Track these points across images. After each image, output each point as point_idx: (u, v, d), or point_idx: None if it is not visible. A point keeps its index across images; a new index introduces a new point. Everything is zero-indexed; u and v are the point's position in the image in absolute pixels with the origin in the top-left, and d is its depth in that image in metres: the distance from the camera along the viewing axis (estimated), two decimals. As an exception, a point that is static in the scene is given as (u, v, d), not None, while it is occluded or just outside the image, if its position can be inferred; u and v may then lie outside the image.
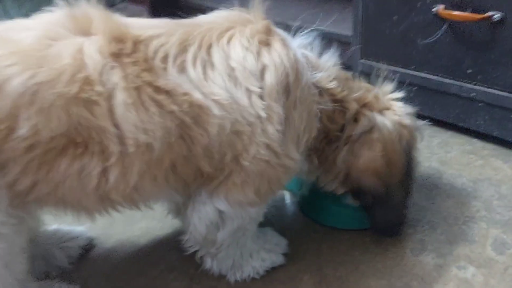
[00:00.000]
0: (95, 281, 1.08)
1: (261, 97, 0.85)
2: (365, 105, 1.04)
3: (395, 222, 1.12)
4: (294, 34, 0.99)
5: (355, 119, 1.03)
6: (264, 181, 0.91)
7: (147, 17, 0.97)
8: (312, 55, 0.99)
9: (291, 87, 0.88)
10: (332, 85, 0.98)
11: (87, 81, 0.75)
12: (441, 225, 1.19)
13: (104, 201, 0.85)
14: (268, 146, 0.87)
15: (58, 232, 1.16)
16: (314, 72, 0.96)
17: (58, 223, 1.18)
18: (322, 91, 0.97)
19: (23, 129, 0.73)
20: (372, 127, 1.03)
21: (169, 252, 1.15)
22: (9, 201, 0.80)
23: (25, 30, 0.80)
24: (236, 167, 0.88)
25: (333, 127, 1.02)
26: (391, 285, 1.03)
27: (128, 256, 1.15)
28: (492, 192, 1.30)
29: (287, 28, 0.99)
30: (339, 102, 1.01)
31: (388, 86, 1.11)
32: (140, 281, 1.08)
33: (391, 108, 1.08)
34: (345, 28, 1.99)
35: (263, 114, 0.84)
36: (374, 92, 1.08)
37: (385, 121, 1.04)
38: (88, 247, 1.17)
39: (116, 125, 0.78)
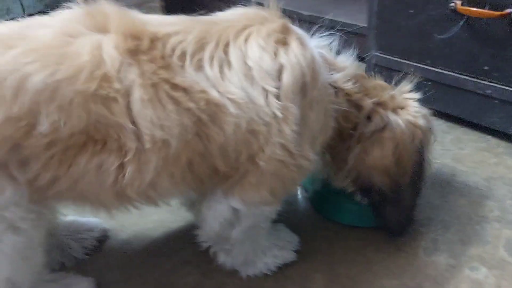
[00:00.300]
0: (109, 273, 1.10)
1: (277, 97, 0.84)
2: (379, 103, 1.04)
3: (404, 222, 1.12)
4: (312, 33, 0.98)
5: (369, 117, 1.03)
6: (279, 181, 0.91)
7: (164, 14, 0.97)
8: (329, 54, 0.99)
9: (307, 88, 0.88)
10: (348, 85, 0.98)
11: (105, 78, 0.76)
12: (454, 225, 1.19)
13: (120, 197, 0.86)
14: (283, 147, 0.87)
15: (74, 223, 1.18)
16: (331, 72, 0.95)
17: (74, 214, 1.19)
18: (338, 91, 0.97)
19: (44, 126, 0.74)
20: (385, 126, 1.02)
21: (182, 245, 1.16)
22: (29, 197, 0.81)
23: (43, 27, 0.80)
24: (251, 167, 0.88)
25: (347, 126, 1.02)
26: (404, 285, 1.04)
27: (141, 249, 1.16)
28: (506, 192, 1.30)
29: (300, 17, 0.98)
30: (354, 102, 1.01)
31: (406, 85, 1.10)
32: (154, 274, 1.09)
33: (406, 107, 1.07)
34: (359, 19, 1.97)
35: (279, 114, 0.84)
36: (389, 90, 1.07)
37: (398, 120, 1.03)
38: (102, 238, 1.19)
39: (133, 122, 0.78)
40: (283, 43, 0.88)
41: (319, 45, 0.97)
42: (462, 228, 1.18)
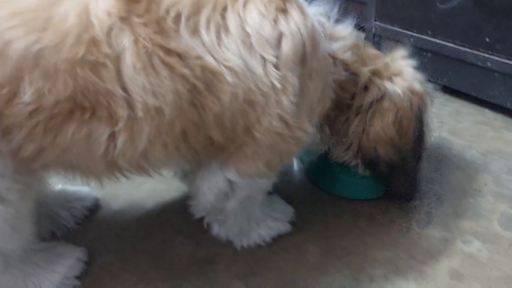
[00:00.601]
0: (101, 242, 1.09)
1: (276, 66, 0.81)
2: (375, 73, 1.02)
3: (410, 186, 1.13)
4: (311, 0, 0.95)
5: (365, 88, 1.01)
6: (275, 154, 0.89)
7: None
8: (328, 23, 0.95)
9: (307, 57, 0.85)
10: (346, 55, 0.96)
11: (94, 42, 0.71)
12: (449, 198, 1.19)
13: (112, 167, 0.83)
14: (281, 118, 0.84)
15: (63, 192, 1.16)
16: (330, 42, 0.92)
17: (64, 183, 1.17)
18: (336, 61, 0.94)
19: (27, 94, 0.70)
20: (383, 96, 1.01)
21: (175, 215, 1.15)
22: (15, 167, 0.78)
23: None
24: (247, 139, 0.86)
25: (345, 96, 1.00)
26: (396, 257, 1.04)
27: (134, 219, 1.15)
28: (502, 166, 1.29)
29: None
30: (352, 72, 0.98)
31: (400, 52, 1.08)
32: (147, 244, 1.08)
33: (401, 74, 1.05)
34: (359, -13, 1.91)
35: (277, 84, 0.81)
36: (383, 58, 1.05)
37: (396, 88, 1.01)
38: (93, 208, 1.17)
39: (124, 89, 0.74)
40: (283, 10, 0.83)
41: (318, 13, 0.94)
42: (457, 202, 1.18)
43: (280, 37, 0.82)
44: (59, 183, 1.16)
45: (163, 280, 1.00)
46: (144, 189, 1.23)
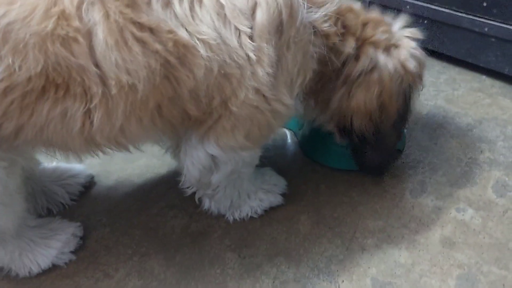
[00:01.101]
0: (96, 218, 1.10)
1: (251, 37, 0.79)
2: (369, 41, 0.97)
3: (382, 161, 1.10)
4: None
5: (357, 57, 0.96)
6: (254, 126, 0.88)
7: None
8: None
9: (284, 27, 0.82)
10: (325, 26, 0.90)
11: (64, 16, 0.70)
12: (443, 167, 1.18)
13: (90, 143, 0.83)
14: (257, 91, 0.83)
15: (57, 169, 1.17)
16: (310, 10, 0.88)
17: (58, 161, 1.18)
18: (316, 32, 0.90)
19: None
20: (373, 68, 0.97)
21: (169, 190, 1.16)
22: None
23: None
24: (225, 112, 0.85)
25: (328, 68, 0.96)
26: (388, 226, 1.04)
27: (128, 194, 1.16)
28: (498, 133, 1.28)
29: None
30: (332, 46, 0.93)
31: (403, 21, 1.03)
32: (141, 218, 1.10)
33: (400, 47, 0.99)
34: (355, -46, 1.86)
35: (252, 56, 0.79)
36: (384, 26, 0.99)
37: (388, 62, 0.97)
38: (88, 184, 1.18)
39: (97, 65, 0.73)
40: None
41: None
42: (451, 170, 1.17)
43: (254, 7, 0.79)
44: (53, 161, 1.17)
45: (157, 253, 1.01)
46: (138, 165, 1.23)
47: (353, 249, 1.01)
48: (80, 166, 1.19)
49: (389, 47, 0.99)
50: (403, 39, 1.01)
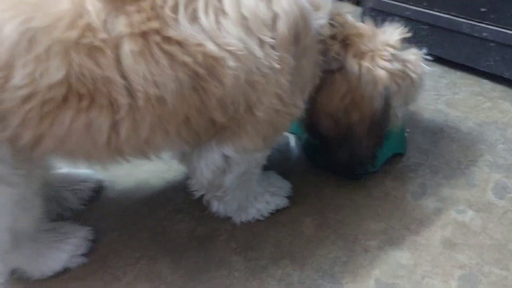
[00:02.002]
0: (105, 222, 1.13)
1: (273, 47, 0.82)
2: (344, 43, 0.98)
3: (352, 164, 1.11)
4: None
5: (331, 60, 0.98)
6: (272, 129, 0.92)
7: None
8: None
9: (301, 36, 0.86)
10: (326, 30, 0.93)
11: (90, 28, 0.72)
12: (443, 169, 1.21)
13: (115, 153, 0.86)
14: (279, 96, 0.87)
15: (68, 175, 1.20)
16: (316, 18, 0.91)
17: (68, 166, 1.21)
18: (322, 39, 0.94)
19: (19, 77, 0.71)
20: (339, 68, 0.98)
21: (176, 194, 1.19)
22: (14, 155, 0.80)
23: None
24: (249, 117, 0.88)
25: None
26: (390, 228, 1.07)
27: (136, 198, 1.19)
28: (498, 136, 1.30)
29: None
30: (325, 48, 0.96)
31: (394, 30, 1.05)
32: (148, 221, 1.13)
33: (379, 50, 1.00)
34: (356, -39, 1.90)
35: (276, 65, 0.83)
36: (362, 31, 1.01)
37: (353, 64, 0.98)
38: (97, 189, 1.21)
39: (124, 77, 0.75)
40: None
41: None
42: (451, 173, 1.19)
43: (275, 18, 0.82)
44: (64, 167, 1.20)
45: (165, 256, 1.04)
46: (145, 170, 1.26)
47: (356, 250, 1.03)
48: (90, 171, 1.22)
49: (363, 52, 0.99)
50: (386, 45, 1.01)
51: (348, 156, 1.08)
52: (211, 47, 0.78)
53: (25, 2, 0.72)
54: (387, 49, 1.01)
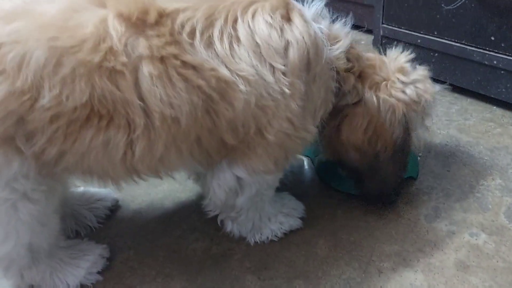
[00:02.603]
0: (121, 240, 1.15)
1: (284, 74, 0.86)
2: (359, 78, 1.03)
3: (385, 191, 1.14)
4: (306, 2, 0.98)
5: (346, 92, 1.02)
6: (283, 152, 0.95)
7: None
8: (326, 26, 0.97)
9: (311, 63, 0.90)
10: (340, 62, 0.97)
11: (111, 51, 0.76)
12: (456, 193, 1.22)
13: (130, 171, 0.89)
14: (289, 120, 0.90)
15: (85, 193, 1.23)
16: (330, 48, 0.95)
17: (85, 185, 1.24)
18: (335, 68, 0.97)
19: (46, 99, 0.75)
20: (358, 101, 1.02)
21: (190, 214, 1.21)
22: (38, 170, 0.84)
23: (48, 2, 0.80)
24: (260, 140, 0.91)
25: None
26: (404, 250, 1.07)
27: (152, 217, 1.21)
28: (509, 161, 1.31)
29: None
30: (341, 79, 1.00)
31: (398, 53, 1.09)
32: (164, 240, 1.14)
33: (393, 79, 1.04)
34: (367, -9, 1.95)
35: (287, 90, 0.86)
36: (372, 62, 1.05)
37: (372, 96, 1.02)
38: (114, 208, 1.24)
39: (141, 99, 0.79)
40: (287, 19, 0.89)
41: (316, 16, 0.96)
42: (464, 196, 1.20)
43: (287, 46, 0.87)
44: (81, 185, 1.23)
45: (180, 274, 1.05)
46: (161, 190, 1.29)
47: (370, 272, 1.04)
48: (106, 190, 1.24)
49: (377, 82, 1.04)
50: (394, 73, 1.06)
51: (379, 185, 1.11)
52: (224, 72, 0.82)
53: (54, 27, 0.76)
54: (399, 76, 1.05)
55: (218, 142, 0.90)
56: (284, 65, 0.86)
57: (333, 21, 1.01)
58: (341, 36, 0.99)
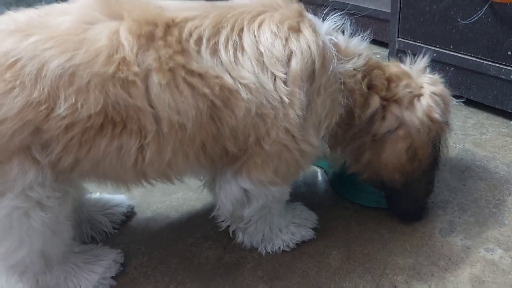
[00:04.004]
0: (135, 246, 1.16)
1: (285, 82, 0.87)
2: (393, 99, 1.03)
3: (417, 208, 1.15)
4: (325, 17, 0.99)
5: (383, 117, 1.03)
6: (282, 163, 0.95)
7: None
8: (342, 40, 0.98)
9: (316, 74, 0.90)
10: (351, 82, 0.97)
11: (124, 62, 0.80)
12: (472, 207, 1.21)
13: (140, 175, 0.92)
14: (287, 131, 0.90)
15: (101, 200, 1.24)
16: (341, 62, 0.95)
17: (101, 191, 1.26)
18: (345, 84, 0.97)
19: (62, 108, 0.78)
20: (400, 125, 1.02)
21: (204, 222, 1.21)
22: (54, 177, 0.86)
23: (62, 14, 0.84)
24: (258, 149, 0.92)
25: (356, 123, 1.02)
26: (418, 264, 1.06)
27: (166, 224, 1.22)
28: (526, 176, 1.30)
29: (325, 3, 0.99)
30: (361, 99, 1.00)
31: (422, 66, 1.09)
32: (177, 247, 1.15)
33: (422, 97, 1.04)
34: (383, 5, 1.96)
35: (286, 99, 0.87)
36: (406, 79, 1.05)
37: (413, 119, 1.02)
38: (129, 214, 1.25)
39: (152, 105, 0.82)
40: (296, 29, 0.90)
41: (331, 29, 0.97)
42: (479, 211, 1.19)
43: (290, 55, 0.88)
44: (98, 191, 1.25)
45: (193, 281, 1.06)
46: (175, 198, 1.30)
47: (384, 285, 1.03)
48: (122, 197, 1.26)
49: (412, 101, 1.04)
50: (424, 86, 1.06)
51: (413, 201, 1.12)
52: (227, 79, 0.85)
53: (69, 40, 0.79)
54: (427, 93, 1.05)
55: (221, 149, 0.92)
56: (285, 74, 0.87)
57: (351, 36, 1.01)
58: (356, 52, 0.98)
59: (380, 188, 1.14)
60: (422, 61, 1.10)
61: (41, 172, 0.84)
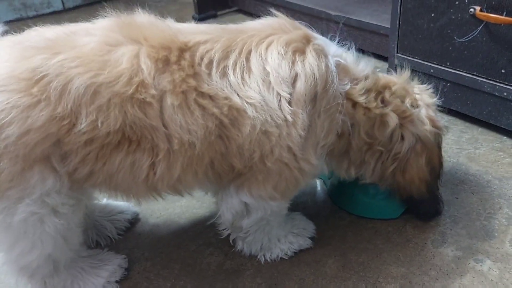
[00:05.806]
0: (139, 251, 1.21)
1: (289, 102, 0.92)
2: (408, 120, 1.08)
3: (436, 203, 1.22)
4: (334, 37, 1.05)
5: (402, 137, 1.08)
6: (282, 180, 1.00)
7: (196, 10, 1.03)
8: (348, 62, 1.02)
9: (318, 97, 0.95)
10: (363, 99, 1.01)
11: (143, 84, 0.86)
12: (463, 220, 1.25)
13: (151, 190, 0.97)
14: (290, 149, 0.95)
15: (107, 206, 1.29)
16: (345, 82, 1.00)
17: (107, 198, 1.31)
18: (356, 104, 1.02)
19: (83, 124, 0.84)
20: (417, 140, 1.08)
21: (206, 229, 1.26)
22: (70, 185, 0.92)
23: (87, 35, 0.90)
24: (261, 167, 0.97)
25: (375, 142, 1.07)
26: (410, 273, 1.11)
27: (169, 231, 1.27)
28: (517, 191, 1.34)
29: (328, 17, 1.03)
30: (378, 117, 1.04)
31: (408, 78, 1.15)
32: (180, 253, 1.20)
33: (426, 106, 1.12)
34: (383, 20, 2.02)
35: (289, 118, 0.92)
36: (409, 96, 1.10)
37: (427, 133, 1.09)
38: (133, 220, 1.30)
39: (165, 125, 0.88)
40: (301, 52, 0.95)
41: (338, 52, 1.02)
42: (471, 223, 1.24)
43: (295, 77, 0.93)
44: (104, 198, 1.30)
45: (194, 286, 1.10)
46: (179, 205, 1.35)
47: (377, 293, 1.07)
48: (127, 204, 1.31)
49: (418, 114, 1.10)
50: (424, 98, 1.14)
51: (433, 203, 1.21)
52: (235, 100, 0.90)
53: (93, 60, 0.85)
54: (424, 103, 1.12)
55: (228, 166, 0.97)
56: (289, 94, 0.92)
57: (358, 58, 1.05)
58: (364, 73, 1.03)
59: (404, 201, 1.19)
60: (406, 72, 1.16)
61: (59, 180, 0.90)
